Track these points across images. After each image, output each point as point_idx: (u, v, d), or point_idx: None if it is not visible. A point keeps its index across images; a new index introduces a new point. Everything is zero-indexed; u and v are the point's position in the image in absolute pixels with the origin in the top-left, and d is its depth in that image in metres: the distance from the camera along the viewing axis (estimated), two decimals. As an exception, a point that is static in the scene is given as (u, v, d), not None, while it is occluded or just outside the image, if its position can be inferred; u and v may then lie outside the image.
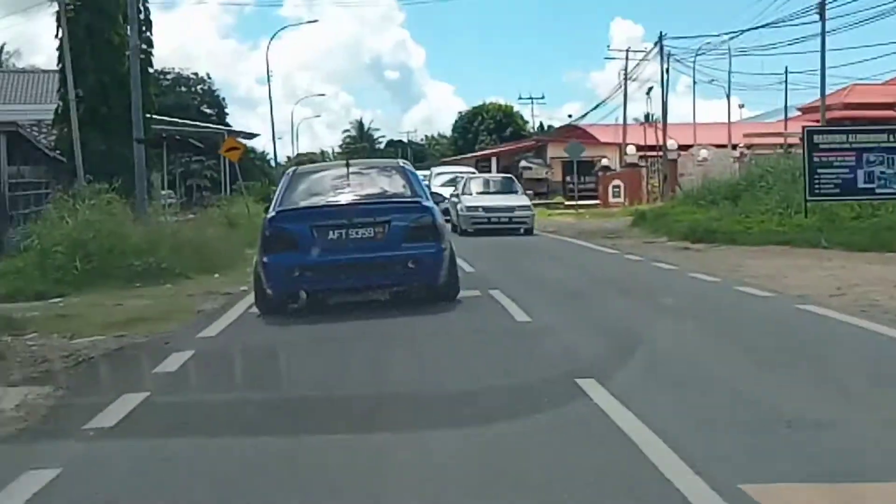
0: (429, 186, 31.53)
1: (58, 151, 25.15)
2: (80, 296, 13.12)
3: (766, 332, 8.90)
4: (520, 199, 26.34)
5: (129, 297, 12.80)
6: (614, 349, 8.13)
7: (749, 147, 39.11)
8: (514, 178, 29.43)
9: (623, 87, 49.57)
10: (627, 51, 54.22)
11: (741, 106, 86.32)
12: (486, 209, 25.33)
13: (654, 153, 44.31)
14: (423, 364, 7.89)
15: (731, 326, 9.29)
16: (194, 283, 14.44)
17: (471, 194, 26.44)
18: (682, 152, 42.01)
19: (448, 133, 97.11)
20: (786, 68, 60.37)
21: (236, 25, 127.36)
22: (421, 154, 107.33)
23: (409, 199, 10.95)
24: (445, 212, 32.85)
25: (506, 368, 7.51)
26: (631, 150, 44.90)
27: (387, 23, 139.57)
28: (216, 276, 15.12)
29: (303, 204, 10.83)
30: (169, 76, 77.79)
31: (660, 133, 44.23)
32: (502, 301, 10.97)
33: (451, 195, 27.48)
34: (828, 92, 40.13)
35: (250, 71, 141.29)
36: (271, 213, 10.79)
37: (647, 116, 52.30)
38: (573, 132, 57.27)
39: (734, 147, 40.35)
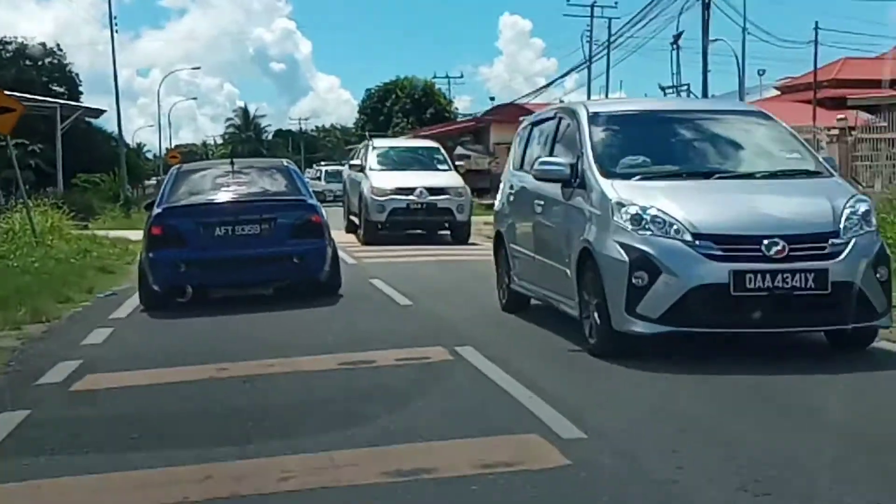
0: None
1: None
2: None
3: None
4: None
5: None
6: None
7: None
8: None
9: (606, 53, 38.12)
10: (592, 6, 43.18)
11: (761, 73, 70.98)
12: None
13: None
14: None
15: None
16: None
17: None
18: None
19: (344, 124, 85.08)
20: (816, 24, 41.24)
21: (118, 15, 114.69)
22: (312, 146, 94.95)
23: (294, 198, 11.23)
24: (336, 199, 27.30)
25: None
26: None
27: (272, 14, 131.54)
28: None
29: (188, 201, 10.92)
30: (10, 46, 64.28)
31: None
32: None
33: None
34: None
35: (131, 63, 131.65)
36: (157, 210, 10.79)
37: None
38: (520, 112, 46.06)
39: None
